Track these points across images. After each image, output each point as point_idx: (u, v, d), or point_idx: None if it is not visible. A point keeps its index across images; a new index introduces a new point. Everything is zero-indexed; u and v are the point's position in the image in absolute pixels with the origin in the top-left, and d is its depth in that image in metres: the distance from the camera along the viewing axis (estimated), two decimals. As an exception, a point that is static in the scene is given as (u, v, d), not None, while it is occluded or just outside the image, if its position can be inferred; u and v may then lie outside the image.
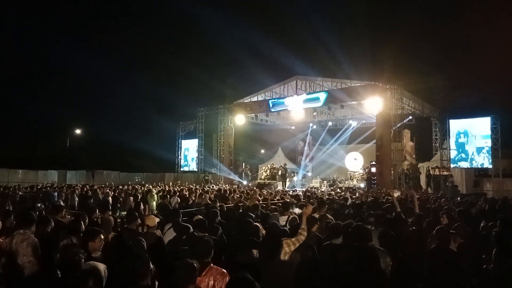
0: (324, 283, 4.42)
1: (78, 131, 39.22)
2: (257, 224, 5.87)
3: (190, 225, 5.62)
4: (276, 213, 6.83)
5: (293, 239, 4.48)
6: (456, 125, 21.69)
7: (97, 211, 6.89)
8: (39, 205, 11.18)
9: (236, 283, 2.78)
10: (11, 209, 8.63)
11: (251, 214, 7.06)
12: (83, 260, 3.49)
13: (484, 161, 20.59)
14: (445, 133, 22.71)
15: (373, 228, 5.43)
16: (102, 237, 4.37)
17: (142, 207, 12.84)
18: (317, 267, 4.59)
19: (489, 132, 20.44)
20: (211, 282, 3.46)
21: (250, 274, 2.89)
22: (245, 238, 4.97)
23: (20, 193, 15.72)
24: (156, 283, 3.88)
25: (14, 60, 42.22)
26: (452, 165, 21.59)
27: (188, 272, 2.96)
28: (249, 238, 4.85)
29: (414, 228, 5.97)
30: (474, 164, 21.03)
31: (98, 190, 16.45)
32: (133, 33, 50.80)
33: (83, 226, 5.39)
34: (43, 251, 4.48)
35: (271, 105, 26.80)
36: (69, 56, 44.23)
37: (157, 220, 5.89)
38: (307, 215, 5.04)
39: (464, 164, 21.30)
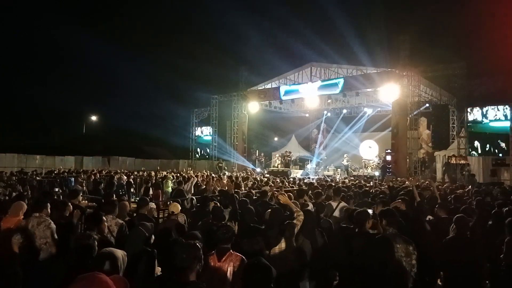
0: (339, 272, 4.40)
1: (94, 118, 39.70)
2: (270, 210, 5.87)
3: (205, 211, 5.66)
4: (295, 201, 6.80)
5: (294, 221, 4.56)
6: (474, 113, 21.27)
7: (114, 196, 6.96)
8: (56, 189, 11.37)
9: (252, 269, 2.76)
10: (29, 194, 8.81)
11: (268, 202, 7.06)
12: (96, 243, 3.51)
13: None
14: (463, 121, 22.32)
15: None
16: (105, 218, 4.52)
17: (151, 192, 13.02)
18: (330, 256, 4.59)
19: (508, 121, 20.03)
20: (230, 268, 3.49)
21: None
22: (248, 225, 4.99)
23: (38, 178, 16.00)
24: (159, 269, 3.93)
25: (31, 50, 42.80)
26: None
27: (191, 253, 2.91)
28: (252, 226, 4.87)
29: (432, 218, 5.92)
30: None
31: (114, 175, 16.65)
32: (148, 21, 50.84)
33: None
34: (60, 234, 4.54)
35: (285, 93, 26.61)
36: (85, 45, 44.57)
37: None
38: (287, 201, 5.19)
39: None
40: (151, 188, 13.55)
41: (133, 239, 4.30)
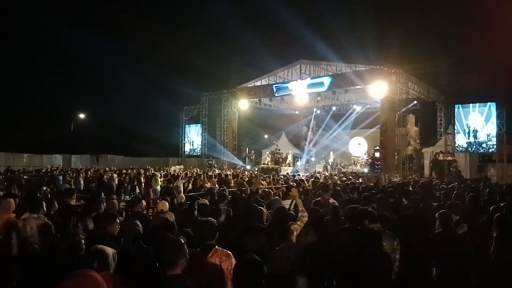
0: (330, 266, 4.46)
1: (82, 116, 39.31)
2: (261, 208, 5.91)
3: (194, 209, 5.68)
4: (277, 197, 6.85)
5: (298, 222, 4.52)
6: (461, 110, 21.58)
7: (103, 194, 6.93)
8: (44, 188, 11.28)
9: (245, 265, 2.81)
10: (17, 193, 8.71)
11: (259, 199, 7.08)
12: (83, 241, 3.53)
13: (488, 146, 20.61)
14: (450, 118, 22.61)
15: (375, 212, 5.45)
16: (118, 221, 4.41)
17: (138, 190, 13.03)
18: (323, 251, 4.64)
19: (494, 117, 20.37)
20: (217, 264, 3.51)
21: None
22: (251, 223, 4.99)
23: (25, 177, 15.82)
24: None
25: (20, 45, 42.18)
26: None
27: (175, 248, 2.98)
28: (255, 224, 4.87)
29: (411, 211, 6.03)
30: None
31: (103, 174, 16.56)
32: (137, 18, 50.38)
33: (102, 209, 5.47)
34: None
35: (275, 90, 26.65)
36: (74, 41, 44.00)
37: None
38: (295, 197, 5.08)
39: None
40: (137, 186, 13.55)
41: (128, 236, 4.32)
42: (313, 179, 13.74)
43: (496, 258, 4.32)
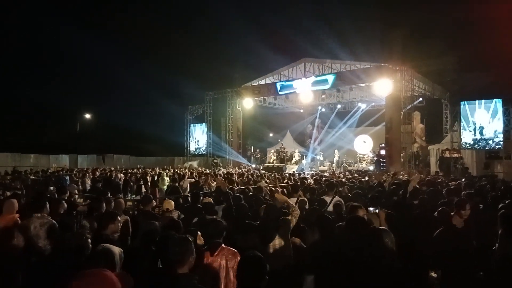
0: (334, 265, 4.48)
1: (88, 116, 39.43)
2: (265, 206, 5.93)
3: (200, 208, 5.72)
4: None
5: (289, 217, 4.60)
6: (467, 107, 21.48)
7: (109, 194, 7.00)
8: (51, 188, 11.35)
9: (248, 261, 2.84)
10: (24, 193, 8.80)
11: (261, 197, 7.10)
12: (89, 240, 3.54)
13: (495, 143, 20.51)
14: (456, 115, 22.50)
15: (377, 210, 5.44)
16: (120, 219, 4.45)
17: (144, 189, 13.11)
18: (327, 250, 4.66)
19: (500, 114, 20.26)
20: (223, 262, 3.54)
21: None
22: (242, 221, 5.04)
23: (32, 177, 15.95)
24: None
25: (25, 46, 42.44)
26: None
27: (183, 246, 2.99)
28: (247, 222, 4.93)
29: (418, 211, 6.01)
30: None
31: (110, 174, 16.65)
32: (141, 17, 50.49)
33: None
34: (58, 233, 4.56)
35: (279, 88, 26.65)
36: (78, 42, 44.23)
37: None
38: (283, 200, 5.25)
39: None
40: (143, 186, 13.61)
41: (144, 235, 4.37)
42: (316, 177, 13.73)
43: (501, 255, 4.31)
